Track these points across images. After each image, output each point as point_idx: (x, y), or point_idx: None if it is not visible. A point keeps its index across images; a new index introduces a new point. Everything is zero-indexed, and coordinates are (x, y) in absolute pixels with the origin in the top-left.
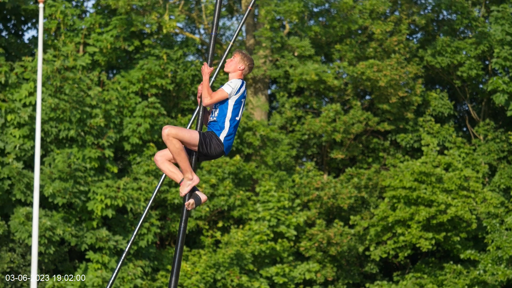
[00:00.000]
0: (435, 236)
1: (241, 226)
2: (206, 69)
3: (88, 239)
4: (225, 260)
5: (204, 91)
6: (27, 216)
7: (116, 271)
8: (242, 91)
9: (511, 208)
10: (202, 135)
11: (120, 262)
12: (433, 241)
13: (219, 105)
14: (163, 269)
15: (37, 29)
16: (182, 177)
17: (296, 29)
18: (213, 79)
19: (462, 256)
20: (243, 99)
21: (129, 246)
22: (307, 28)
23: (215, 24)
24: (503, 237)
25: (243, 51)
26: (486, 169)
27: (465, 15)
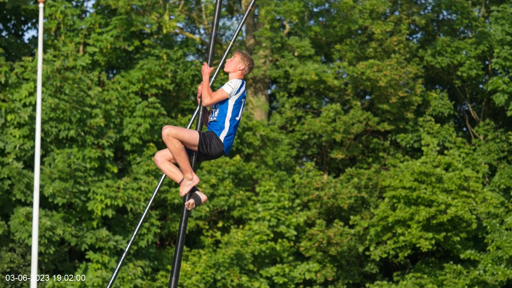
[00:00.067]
0: (435, 236)
1: (241, 226)
2: (206, 69)
3: (88, 239)
4: (225, 260)
5: (204, 91)
6: (27, 216)
7: (116, 271)
8: (242, 91)
9: (511, 208)
10: (202, 135)
11: (120, 262)
12: (433, 241)
13: (219, 105)
14: (163, 269)
15: (37, 29)
16: (182, 177)
17: (296, 29)
18: (213, 79)
19: (462, 256)
20: (243, 99)
21: (129, 246)
22: (307, 28)
23: (215, 24)
24: (503, 237)
25: (243, 51)
26: (486, 169)
27: (465, 15)
